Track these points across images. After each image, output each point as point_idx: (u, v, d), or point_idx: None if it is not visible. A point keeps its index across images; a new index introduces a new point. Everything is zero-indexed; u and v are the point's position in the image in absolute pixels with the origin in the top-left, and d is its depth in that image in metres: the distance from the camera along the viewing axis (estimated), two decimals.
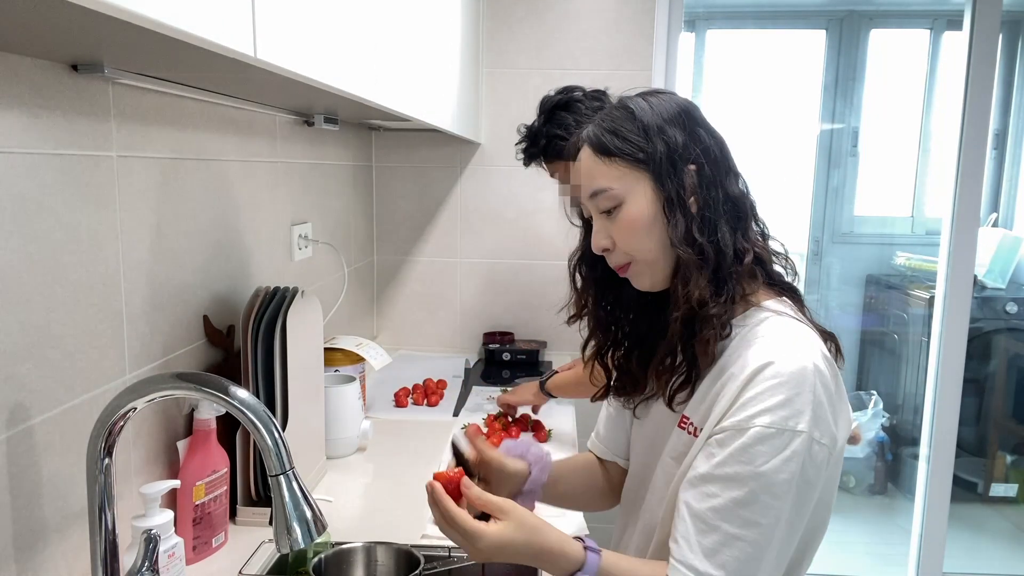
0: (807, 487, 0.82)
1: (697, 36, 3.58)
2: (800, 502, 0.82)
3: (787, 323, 0.89)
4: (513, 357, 2.35)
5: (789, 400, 0.80)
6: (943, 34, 3.59)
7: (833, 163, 3.70)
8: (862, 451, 3.43)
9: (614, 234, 0.94)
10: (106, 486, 0.87)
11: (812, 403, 0.80)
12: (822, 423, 0.81)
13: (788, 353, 0.83)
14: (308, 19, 0.87)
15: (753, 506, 0.80)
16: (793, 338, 0.86)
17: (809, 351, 0.85)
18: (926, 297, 3.20)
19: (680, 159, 0.89)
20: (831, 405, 0.83)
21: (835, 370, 0.87)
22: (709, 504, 0.82)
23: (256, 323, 1.29)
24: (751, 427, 0.81)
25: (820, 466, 0.82)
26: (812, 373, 0.82)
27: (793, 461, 0.79)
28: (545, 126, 1.65)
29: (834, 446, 0.84)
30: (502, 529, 0.87)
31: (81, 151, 0.99)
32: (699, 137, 0.91)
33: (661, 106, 0.93)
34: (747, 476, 0.80)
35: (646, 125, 0.90)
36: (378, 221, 2.52)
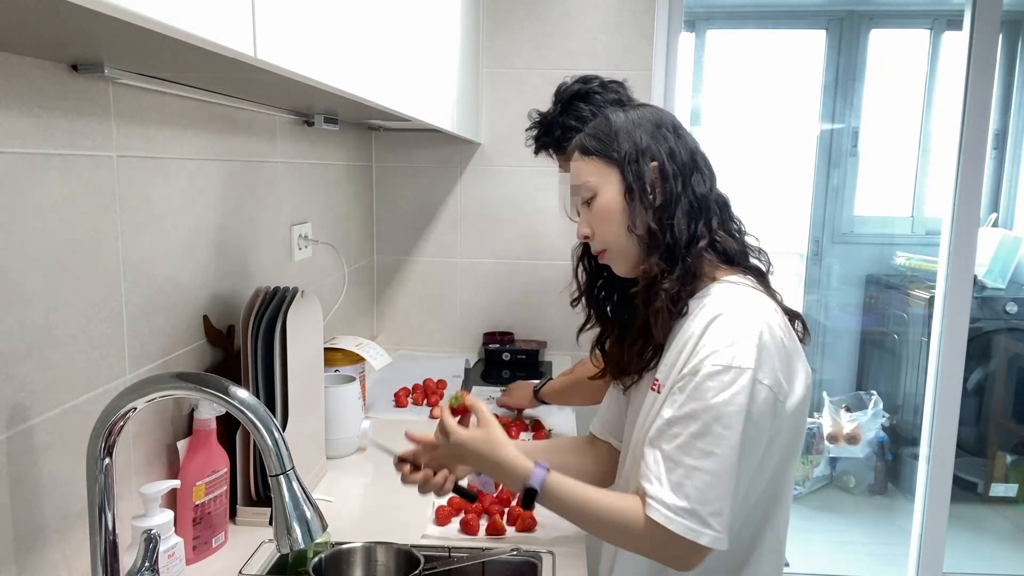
0: (751, 425, 0.90)
1: (697, 36, 3.59)
2: (750, 438, 0.90)
3: (741, 289, 1.00)
4: (513, 357, 2.35)
5: (735, 341, 0.91)
6: (943, 34, 3.59)
7: (833, 163, 3.71)
8: (862, 451, 3.43)
9: (592, 222, 1.08)
10: (106, 486, 0.87)
11: (757, 346, 0.90)
12: (766, 366, 0.90)
13: (737, 307, 0.95)
14: (308, 19, 0.87)
15: (707, 437, 0.89)
16: (744, 298, 0.98)
17: (758, 308, 0.96)
18: (926, 297, 3.20)
19: (642, 157, 1.03)
20: (779, 355, 0.92)
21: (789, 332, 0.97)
22: (674, 443, 0.91)
23: (256, 323, 1.29)
24: (702, 368, 0.92)
25: (764, 407, 0.90)
26: (760, 322, 0.93)
27: (740, 394, 0.89)
28: (561, 116, 1.63)
29: (780, 391, 0.92)
30: (472, 433, 1.05)
31: (81, 151, 0.99)
32: (665, 140, 1.05)
33: (636, 115, 1.08)
34: (700, 410, 0.90)
35: (618, 129, 1.06)
36: (378, 221, 2.52)
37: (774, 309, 0.98)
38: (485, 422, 1.06)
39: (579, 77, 1.67)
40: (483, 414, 1.07)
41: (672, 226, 1.01)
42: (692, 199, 1.02)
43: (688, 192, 1.02)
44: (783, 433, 0.95)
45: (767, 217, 3.73)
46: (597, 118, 1.12)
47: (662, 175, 1.03)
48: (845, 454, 3.47)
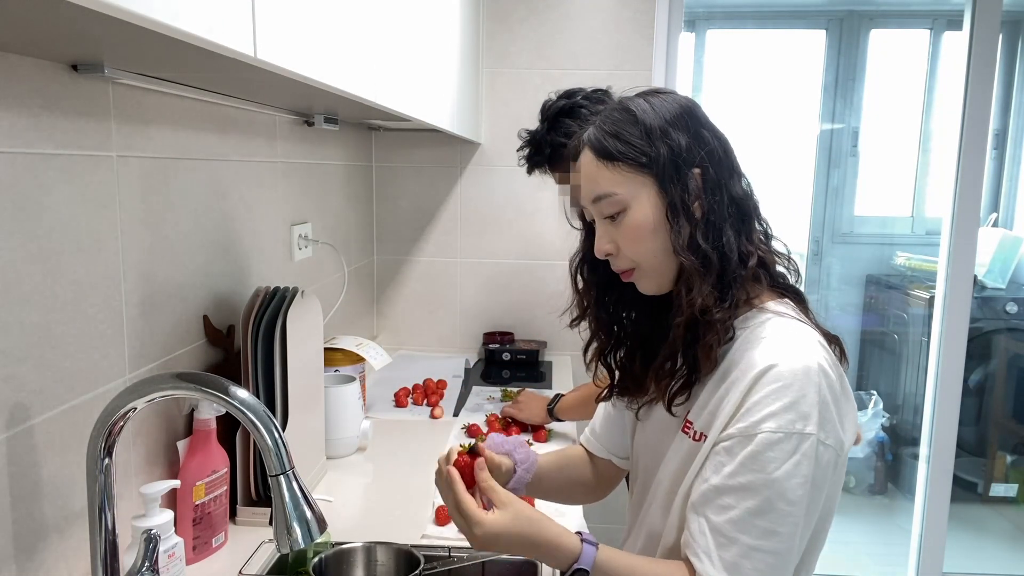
0: (815, 490, 0.82)
1: (697, 36, 3.59)
2: (812, 506, 0.82)
3: (789, 324, 0.88)
4: (513, 357, 2.35)
5: (795, 403, 0.80)
6: (943, 34, 3.59)
7: (833, 163, 3.70)
8: (862, 451, 3.43)
9: (619, 239, 0.93)
10: (106, 486, 0.87)
11: (818, 405, 0.80)
12: (828, 425, 0.81)
13: (791, 354, 0.83)
14: (308, 19, 0.87)
15: (770, 515, 0.80)
16: (796, 339, 0.86)
17: (812, 352, 0.84)
18: (926, 297, 3.20)
19: (684, 163, 0.88)
20: (837, 407, 0.83)
21: (840, 371, 0.86)
22: (726, 516, 0.81)
23: (256, 323, 1.29)
24: (759, 433, 0.80)
25: (826, 469, 0.82)
26: (817, 374, 0.81)
27: (804, 464, 0.79)
28: (549, 134, 1.62)
29: (840, 448, 0.84)
30: (499, 518, 0.88)
31: (81, 151, 0.99)
32: (703, 139, 0.90)
33: (663, 107, 0.91)
34: (760, 484, 0.80)
35: (649, 128, 0.89)
36: (378, 221, 2.52)
37: (821, 344, 0.86)
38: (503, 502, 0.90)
39: (563, 92, 1.66)
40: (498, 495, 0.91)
41: (721, 246, 0.87)
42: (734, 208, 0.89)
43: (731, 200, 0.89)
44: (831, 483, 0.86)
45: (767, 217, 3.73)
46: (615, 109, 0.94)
47: (704, 183, 0.88)
48: None
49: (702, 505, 0.84)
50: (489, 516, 0.88)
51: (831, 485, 0.86)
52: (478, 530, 0.88)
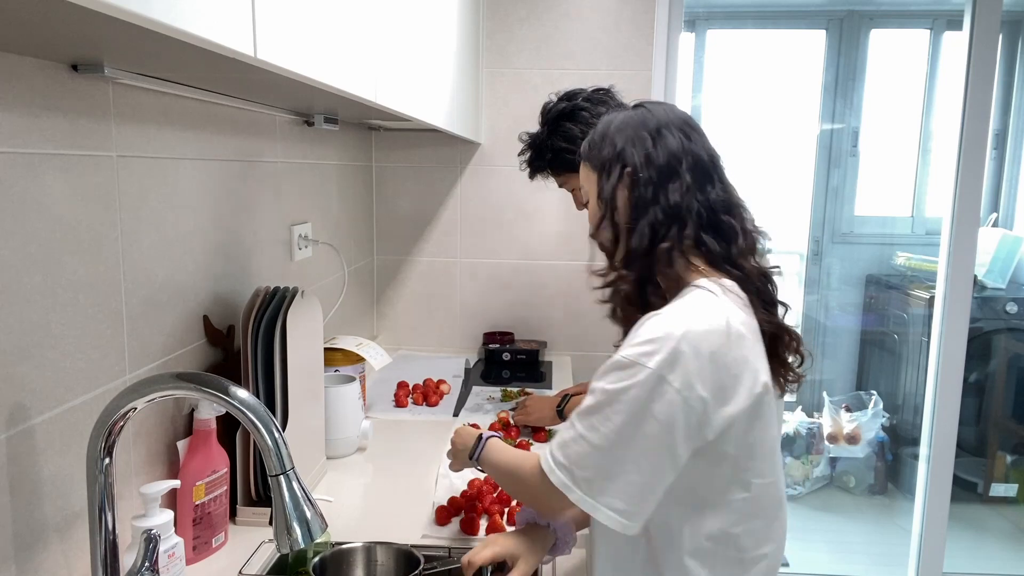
0: (656, 423, 0.90)
1: (697, 36, 3.59)
2: (647, 433, 0.90)
3: (700, 294, 0.97)
4: (513, 357, 2.35)
5: (651, 341, 0.91)
6: (943, 34, 3.59)
7: (833, 163, 3.71)
8: (862, 451, 3.43)
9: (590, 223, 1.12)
10: (106, 486, 0.87)
11: (672, 351, 0.90)
12: (677, 370, 0.89)
13: (676, 310, 0.95)
14: (308, 19, 0.87)
15: (597, 415, 0.93)
16: (692, 303, 0.96)
17: (698, 316, 0.93)
18: (926, 297, 3.21)
19: (615, 163, 1.05)
20: (699, 365, 0.90)
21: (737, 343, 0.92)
22: (576, 410, 0.97)
23: (256, 323, 1.29)
24: (615, 357, 0.95)
25: (671, 409, 0.89)
26: (685, 328, 0.91)
27: (635, 389, 0.90)
28: (550, 138, 1.61)
29: (692, 396, 0.89)
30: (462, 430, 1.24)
31: (81, 151, 0.99)
32: (643, 145, 1.03)
33: (623, 118, 1.08)
34: (598, 390, 0.94)
35: (603, 135, 1.08)
36: (378, 221, 2.52)
37: (727, 319, 0.93)
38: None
39: (563, 94, 1.64)
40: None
41: (635, 232, 1.01)
42: (664, 206, 1.00)
43: (660, 200, 1.01)
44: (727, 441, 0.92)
45: (767, 217, 3.73)
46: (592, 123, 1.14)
47: (633, 182, 1.03)
48: (845, 454, 3.47)
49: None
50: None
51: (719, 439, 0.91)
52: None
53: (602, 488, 0.92)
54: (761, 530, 0.97)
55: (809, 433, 3.48)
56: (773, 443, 0.97)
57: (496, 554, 1.08)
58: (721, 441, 0.92)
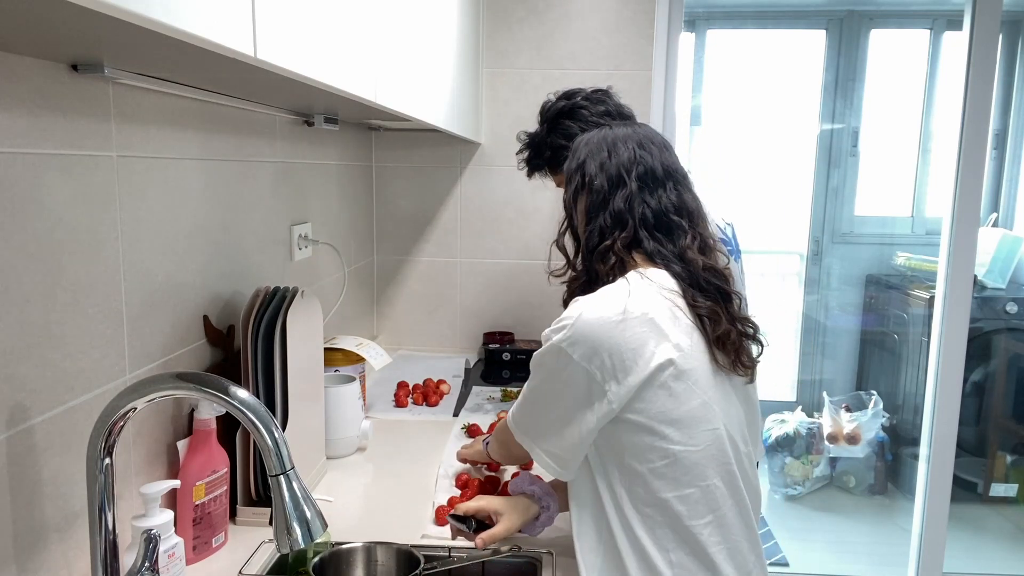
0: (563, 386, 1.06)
1: (697, 36, 3.59)
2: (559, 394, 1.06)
3: (615, 284, 1.08)
4: (513, 357, 2.34)
5: (561, 320, 1.07)
6: (943, 34, 3.59)
7: (833, 163, 3.71)
8: (862, 451, 3.43)
9: None
10: (106, 486, 0.87)
11: (571, 328, 1.04)
12: (577, 345, 1.03)
13: (586, 297, 1.07)
14: (308, 19, 0.87)
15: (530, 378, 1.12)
16: (602, 292, 1.07)
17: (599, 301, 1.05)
18: (926, 297, 3.21)
19: (576, 174, 1.19)
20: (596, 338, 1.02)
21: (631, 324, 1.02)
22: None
23: (256, 323, 1.29)
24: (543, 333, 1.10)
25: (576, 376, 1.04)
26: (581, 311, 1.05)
27: (545, 357, 1.08)
28: (549, 136, 1.61)
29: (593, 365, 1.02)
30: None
31: (81, 151, 0.99)
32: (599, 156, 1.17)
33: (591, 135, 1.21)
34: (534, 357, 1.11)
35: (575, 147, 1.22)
36: (378, 221, 2.52)
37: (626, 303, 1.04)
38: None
39: (563, 93, 1.65)
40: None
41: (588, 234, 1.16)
42: (612, 211, 1.13)
43: (609, 205, 1.14)
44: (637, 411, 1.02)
45: (767, 217, 3.74)
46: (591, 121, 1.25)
47: (588, 190, 1.16)
48: (845, 454, 3.47)
49: None
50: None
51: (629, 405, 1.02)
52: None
53: (535, 435, 1.12)
54: (697, 498, 1.02)
55: (809, 433, 3.48)
56: (693, 413, 1.03)
57: (481, 507, 1.20)
58: (628, 410, 1.02)
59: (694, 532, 1.01)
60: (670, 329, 1.03)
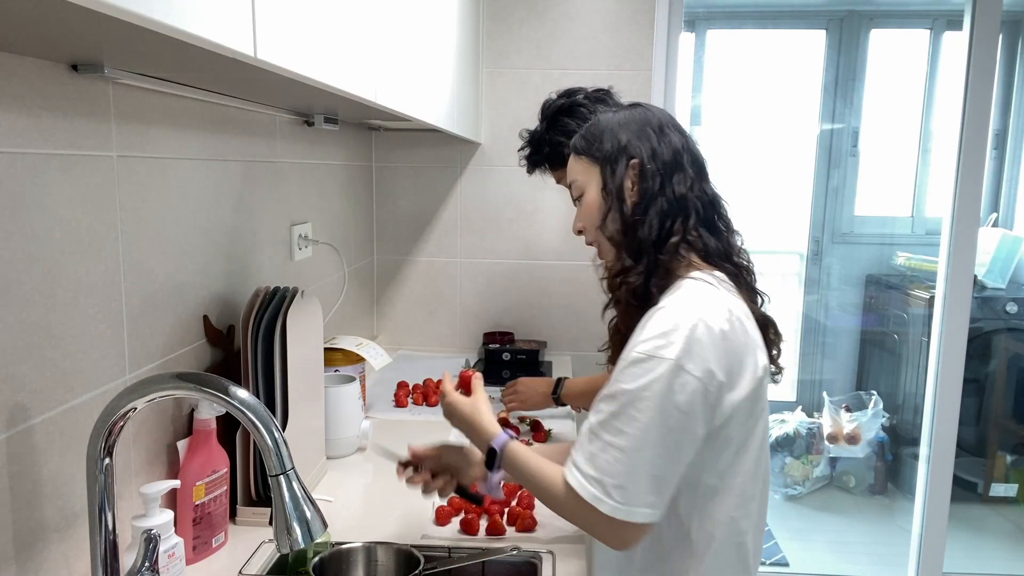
0: (679, 413, 0.92)
1: (697, 36, 3.59)
2: (671, 425, 0.92)
3: (699, 285, 1.00)
4: (513, 357, 2.35)
5: (664, 333, 0.93)
6: (943, 34, 3.59)
7: (833, 163, 3.71)
8: (862, 451, 3.43)
9: (581, 218, 1.13)
10: (106, 486, 0.87)
11: (687, 339, 0.92)
12: (695, 357, 0.92)
13: (681, 301, 0.97)
14: (308, 19, 0.87)
15: (621, 417, 0.93)
16: (695, 293, 0.98)
17: (703, 303, 0.96)
18: (926, 297, 3.20)
19: (622, 156, 1.06)
20: (715, 348, 0.93)
21: (741, 329, 0.96)
22: (597, 419, 0.96)
23: (256, 323, 1.29)
24: (630, 355, 0.95)
25: (693, 397, 0.92)
26: (695, 317, 0.93)
27: (657, 383, 0.91)
28: (548, 132, 1.61)
29: (712, 382, 0.92)
30: (459, 399, 1.15)
31: (81, 151, 0.99)
32: (648, 139, 1.06)
33: (625, 115, 1.10)
34: (618, 392, 0.94)
35: (603, 129, 1.10)
36: (378, 221, 2.52)
37: (729, 307, 0.97)
38: (475, 391, 1.17)
39: (563, 91, 1.65)
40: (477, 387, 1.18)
41: (643, 223, 1.04)
42: (670, 198, 1.04)
43: (666, 191, 1.04)
44: (732, 425, 0.96)
45: (767, 217, 3.74)
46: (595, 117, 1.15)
47: (640, 174, 1.05)
48: (845, 454, 3.47)
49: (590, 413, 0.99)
50: (455, 393, 1.17)
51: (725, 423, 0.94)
52: (442, 399, 1.17)
53: (634, 491, 0.92)
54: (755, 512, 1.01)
55: (809, 433, 3.48)
56: (767, 426, 1.01)
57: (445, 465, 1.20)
58: (726, 426, 0.95)
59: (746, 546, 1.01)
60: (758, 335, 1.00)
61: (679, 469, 0.95)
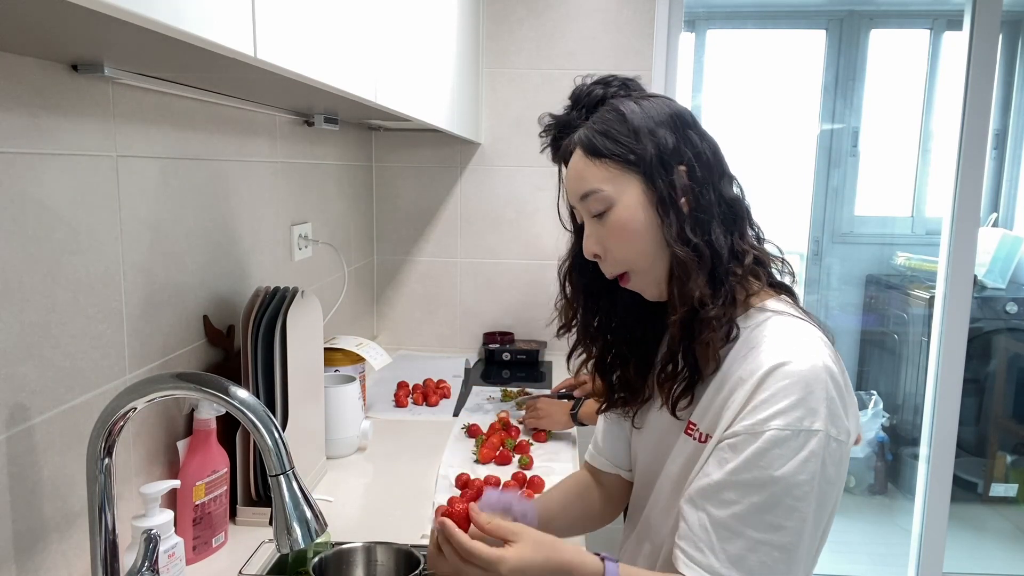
0: (828, 486, 0.82)
1: (697, 36, 3.58)
2: (823, 501, 0.82)
3: (792, 323, 0.88)
4: (513, 357, 2.35)
5: (803, 400, 0.80)
6: (943, 34, 3.59)
7: (833, 163, 3.70)
8: (862, 451, 3.43)
9: (606, 239, 0.93)
10: (106, 486, 0.87)
11: (826, 401, 0.80)
12: (837, 420, 0.81)
13: (798, 353, 0.83)
14: (308, 19, 0.87)
15: (776, 510, 0.79)
16: (801, 338, 0.86)
17: (818, 350, 0.84)
18: (926, 297, 3.20)
19: (671, 160, 0.89)
20: (842, 401, 0.82)
21: (842, 366, 0.86)
22: (730, 511, 0.81)
23: (256, 323, 1.29)
24: (766, 431, 0.80)
25: (840, 463, 0.82)
26: (823, 371, 0.81)
27: (811, 461, 0.79)
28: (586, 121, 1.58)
29: (849, 439, 0.84)
30: (520, 551, 0.86)
31: (81, 151, 0.99)
32: (690, 139, 0.91)
33: (652, 108, 0.92)
34: (766, 480, 0.79)
35: (636, 127, 0.90)
36: (378, 221, 2.52)
37: (824, 342, 0.86)
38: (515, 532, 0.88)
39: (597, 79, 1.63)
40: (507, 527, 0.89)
41: (711, 241, 0.87)
42: (724, 207, 0.90)
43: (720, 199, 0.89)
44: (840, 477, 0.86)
45: (767, 217, 3.73)
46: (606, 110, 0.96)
47: (692, 180, 0.89)
48: None
49: (702, 499, 0.84)
50: (509, 551, 0.86)
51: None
52: (504, 567, 0.85)
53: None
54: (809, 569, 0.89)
55: None
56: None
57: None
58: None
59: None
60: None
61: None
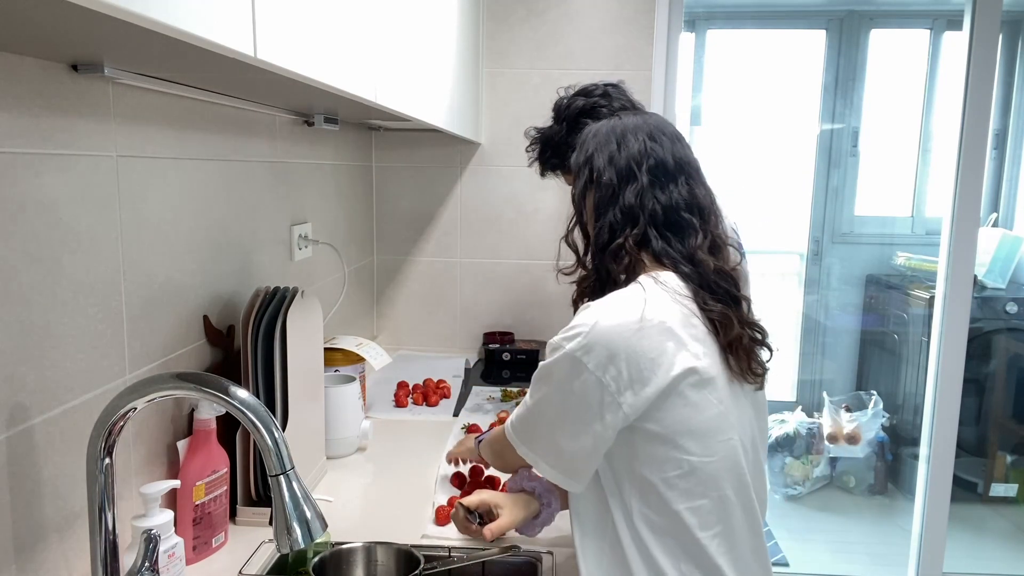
0: (574, 396, 1.01)
1: (697, 36, 3.59)
2: (568, 405, 1.02)
3: (630, 289, 1.04)
4: (513, 357, 2.35)
5: (574, 327, 1.02)
6: (943, 34, 3.59)
7: (833, 163, 3.71)
8: (862, 451, 3.43)
9: None
10: (106, 486, 0.87)
11: (586, 336, 0.99)
12: (592, 354, 0.99)
13: (600, 303, 1.03)
14: (308, 19, 0.87)
15: (535, 384, 1.07)
16: (616, 297, 1.04)
17: (615, 308, 1.01)
18: (926, 297, 3.20)
19: (585, 168, 1.14)
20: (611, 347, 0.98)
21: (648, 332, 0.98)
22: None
23: (256, 323, 1.29)
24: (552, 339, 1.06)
25: (587, 387, 0.99)
26: (596, 320, 1.00)
27: (555, 366, 1.02)
28: (570, 136, 1.58)
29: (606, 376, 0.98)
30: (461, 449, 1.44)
31: (81, 151, 0.99)
32: (608, 150, 1.12)
33: (600, 127, 1.16)
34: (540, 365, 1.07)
35: (581, 142, 1.17)
36: (378, 221, 2.52)
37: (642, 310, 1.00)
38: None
39: (578, 90, 1.62)
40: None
41: (598, 229, 1.11)
42: (622, 206, 1.09)
43: (620, 200, 1.09)
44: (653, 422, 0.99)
45: (767, 217, 3.74)
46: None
47: (597, 185, 1.12)
48: (845, 454, 3.47)
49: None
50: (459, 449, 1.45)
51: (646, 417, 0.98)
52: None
53: (536, 445, 1.08)
54: (708, 509, 1.00)
55: (809, 433, 3.48)
56: (709, 424, 1.00)
57: (483, 500, 1.21)
58: (644, 420, 0.99)
59: (703, 543, 0.99)
60: (687, 337, 1.00)
61: (584, 449, 1.02)
